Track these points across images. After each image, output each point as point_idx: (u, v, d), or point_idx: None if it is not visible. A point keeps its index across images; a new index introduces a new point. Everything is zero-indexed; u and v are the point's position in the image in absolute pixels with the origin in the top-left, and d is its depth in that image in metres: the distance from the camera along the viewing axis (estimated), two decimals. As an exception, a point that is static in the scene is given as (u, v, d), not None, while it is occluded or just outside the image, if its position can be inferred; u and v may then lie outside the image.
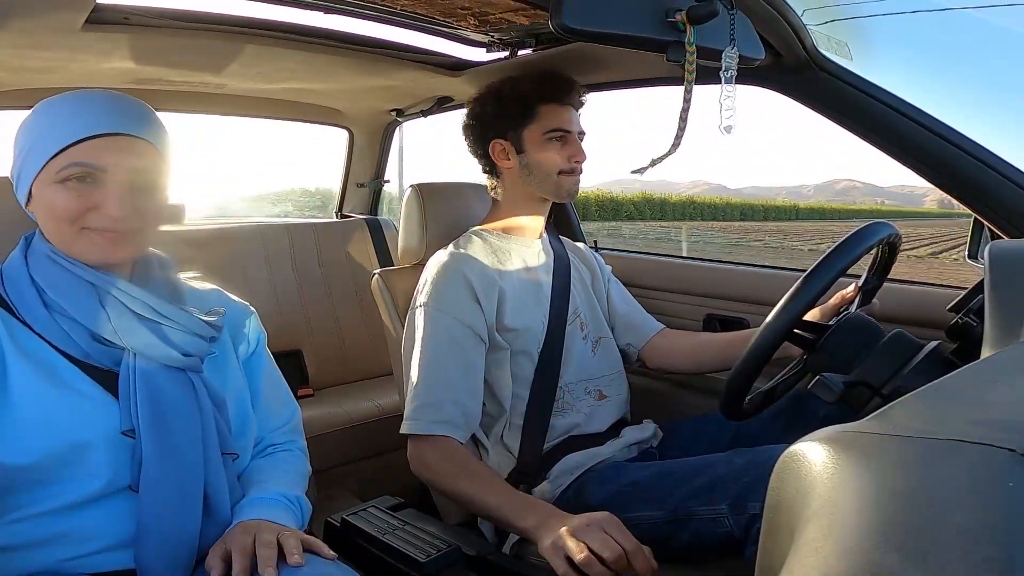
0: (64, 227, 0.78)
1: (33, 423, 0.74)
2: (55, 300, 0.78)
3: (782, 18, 1.00)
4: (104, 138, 0.77)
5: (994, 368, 0.45)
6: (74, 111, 0.78)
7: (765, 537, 0.34)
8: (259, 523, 0.80)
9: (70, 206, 0.77)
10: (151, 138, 0.81)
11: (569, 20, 0.85)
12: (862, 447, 0.30)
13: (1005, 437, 0.29)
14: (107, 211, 0.77)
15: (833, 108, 1.13)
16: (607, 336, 1.35)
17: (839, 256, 0.91)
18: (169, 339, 0.81)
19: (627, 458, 1.23)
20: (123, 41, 1.26)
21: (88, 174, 0.77)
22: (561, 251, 1.35)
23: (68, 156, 0.76)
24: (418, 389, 1.12)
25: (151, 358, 0.80)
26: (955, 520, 0.25)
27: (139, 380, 0.78)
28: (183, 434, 0.79)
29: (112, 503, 0.77)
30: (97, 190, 0.77)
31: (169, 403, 0.79)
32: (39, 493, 0.75)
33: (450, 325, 1.14)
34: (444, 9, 1.27)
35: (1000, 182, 1.02)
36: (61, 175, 0.76)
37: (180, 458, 0.78)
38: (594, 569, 0.85)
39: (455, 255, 1.21)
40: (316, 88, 1.85)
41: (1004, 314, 0.53)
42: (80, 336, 0.78)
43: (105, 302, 0.79)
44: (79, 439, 0.75)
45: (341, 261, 2.20)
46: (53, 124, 0.78)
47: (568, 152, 1.24)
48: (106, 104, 0.80)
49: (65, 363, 0.78)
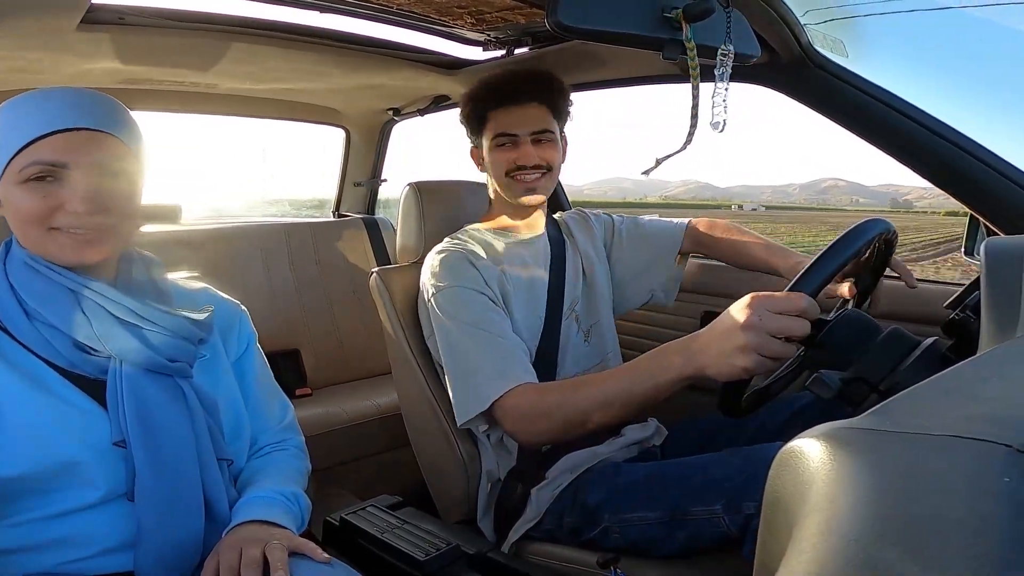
0: (31, 229, 0.75)
1: (22, 435, 0.72)
2: (35, 308, 0.76)
3: (778, 16, 1.01)
4: (64, 134, 0.74)
5: (991, 364, 0.45)
6: (33, 109, 0.75)
7: (763, 533, 0.34)
8: (249, 532, 0.77)
9: (33, 207, 0.74)
10: (117, 132, 0.78)
11: (565, 18, 0.85)
12: (859, 443, 0.30)
13: (1002, 433, 0.29)
14: (72, 208, 0.74)
15: (829, 105, 1.14)
16: (598, 320, 1.33)
17: (834, 254, 0.91)
18: (153, 344, 0.78)
19: (627, 457, 1.23)
20: (118, 41, 1.26)
21: (49, 172, 0.74)
22: (559, 242, 1.34)
23: (28, 155, 0.73)
24: (477, 362, 1.08)
25: (136, 364, 0.77)
26: (952, 515, 0.25)
27: (126, 389, 0.76)
28: (175, 442, 0.78)
29: (111, 508, 0.76)
30: (61, 188, 0.74)
31: (158, 411, 0.77)
32: (33, 502, 0.74)
33: (474, 296, 1.14)
34: (441, 8, 1.27)
35: (996, 179, 1.02)
36: (23, 175, 0.74)
37: (174, 466, 0.77)
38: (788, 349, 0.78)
39: (454, 244, 1.21)
40: (313, 87, 1.85)
41: (1000, 310, 0.53)
42: (63, 344, 0.76)
43: (85, 307, 0.77)
44: (70, 451, 0.73)
45: (339, 260, 2.20)
46: (14, 123, 0.75)
47: (514, 155, 1.22)
48: (67, 99, 0.76)
49: (51, 373, 0.76)
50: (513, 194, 1.25)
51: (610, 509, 1.06)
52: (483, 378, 1.07)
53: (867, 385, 0.88)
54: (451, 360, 1.12)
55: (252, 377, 0.96)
